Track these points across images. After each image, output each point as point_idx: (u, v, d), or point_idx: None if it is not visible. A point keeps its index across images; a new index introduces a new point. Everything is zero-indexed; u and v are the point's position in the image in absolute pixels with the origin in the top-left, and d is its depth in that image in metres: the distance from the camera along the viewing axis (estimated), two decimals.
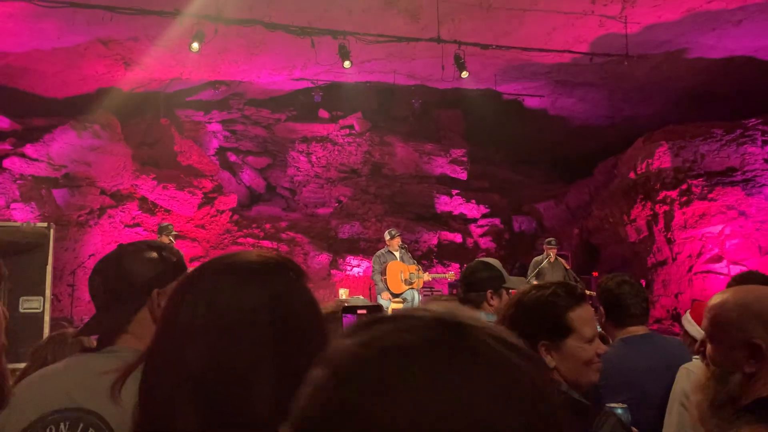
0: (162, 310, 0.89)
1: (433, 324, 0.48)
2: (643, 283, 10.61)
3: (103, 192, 10.97)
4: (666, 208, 10.67)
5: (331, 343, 0.50)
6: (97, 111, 11.05)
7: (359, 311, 1.15)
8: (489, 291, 2.69)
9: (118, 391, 0.92)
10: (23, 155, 10.10)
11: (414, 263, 8.84)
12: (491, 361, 0.46)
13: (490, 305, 2.67)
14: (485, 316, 2.57)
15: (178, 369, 0.81)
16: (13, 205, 9.69)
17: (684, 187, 10.54)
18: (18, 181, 9.93)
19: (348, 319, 1.14)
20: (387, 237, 8.90)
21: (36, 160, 10.17)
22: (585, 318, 1.68)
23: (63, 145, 10.40)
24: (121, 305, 1.46)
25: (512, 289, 2.78)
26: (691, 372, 2.07)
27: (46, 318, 6.78)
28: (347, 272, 12.48)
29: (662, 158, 10.97)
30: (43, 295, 6.65)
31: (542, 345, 1.64)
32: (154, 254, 1.54)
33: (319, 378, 0.48)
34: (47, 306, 6.87)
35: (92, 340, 2.44)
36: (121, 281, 1.48)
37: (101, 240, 10.55)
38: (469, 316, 0.50)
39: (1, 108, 10.42)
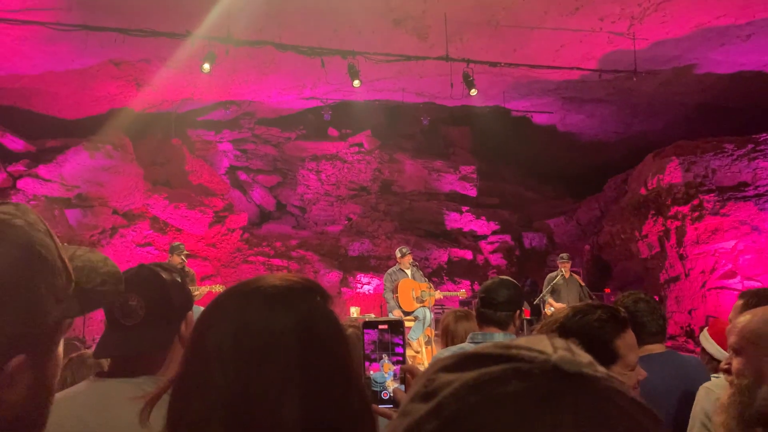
0: (189, 335, 0.89)
1: (551, 372, 0.43)
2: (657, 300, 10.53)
3: (115, 212, 11.04)
4: (678, 223, 10.61)
5: (432, 375, 0.46)
6: (109, 131, 11.17)
7: (380, 326, 1.15)
8: (518, 311, 2.63)
9: (147, 416, 0.92)
10: (37, 176, 10.20)
11: (425, 281, 8.82)
12: (612, 420, 0.42)
13: (515, 326, 2.61)
14: (503, 337, 2.53)
15: (208, 393, 0.82)
16: None
17: (696, 202, 10.48)
18: (31, 202, 10.02)
19: (369, 335, 1.14)
20: (398, 255, 8.90)
21: (49, 180, 10.27)
22: (630, 345, 1.65)
23: (75, 166, 10.50)
24: (164, 327, 1.48)
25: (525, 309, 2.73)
26: (711, 391, 2.05)
27: None
28: (357, 290, 12.46)
29: (673, 173, 10.93)
30: None
31: None
32: (183, 281, 1.57)
33: (420, 414, 0.43)
34: None
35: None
36: (165, 304, 1.49)
37: (113, 259, 10.55)
38: (588, 363, 0.45)
39: (16, 129, 10.55)
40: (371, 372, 1.12)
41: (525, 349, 0.45)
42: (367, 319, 1.24)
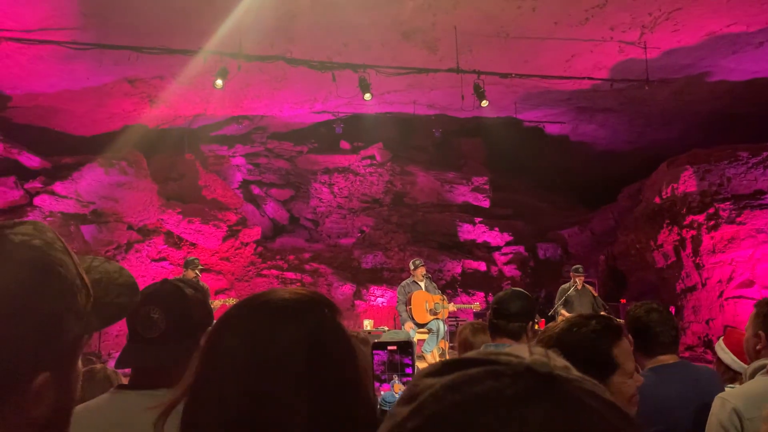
0: (201, 348, 0.91)
1: (524, 373, 0.45)
2: (673, 310, 10.40)
3: (130, 227, 11.14)
4: (693, 232, 10.51)
5: (416, 381, 0.49)
6: (124, 148, 11.29)
7: (390, 347, 1.15)
8: (530, 322, 2.64)
9: (162, 426, 0.94)
10: (53, 193, 10.33)
11: (439, 293, 8.80)
12: (582, 419, 0.43)
13: (528, 336, 2.61)
14: None
15: (219, 405, 0.83)
16: None
17: (711, 211, 10.38)
18: (48, 218, 10.14)
19: (379, 356, 1.14)
20: (411, 267, 8.90)
21: (65, 197, 10.39)
22: (627, 352, 1.64)
23: (91, 182, 10.62)
24: (184, 341, 1.50)
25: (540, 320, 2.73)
26: (727, 401, 2.02)
27: None
28: (371, 302, 12.44)
29: (687, 182, 10.85)
30: None
31: None
32: (205, 299, 1.62)
33: (403, 415, 0.46)
34: None
35: (120, 376, 2.46)
36: (186, 318, 1.52)
37: None
38: (563, 366, 0.47)
39: (32, 147, 10.70)
40: (382, 392, 1.12)
41: (504, 354, 0.48)
42: (377, 340, 1.24)
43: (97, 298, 0.81)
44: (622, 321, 2.86)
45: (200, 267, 9.18)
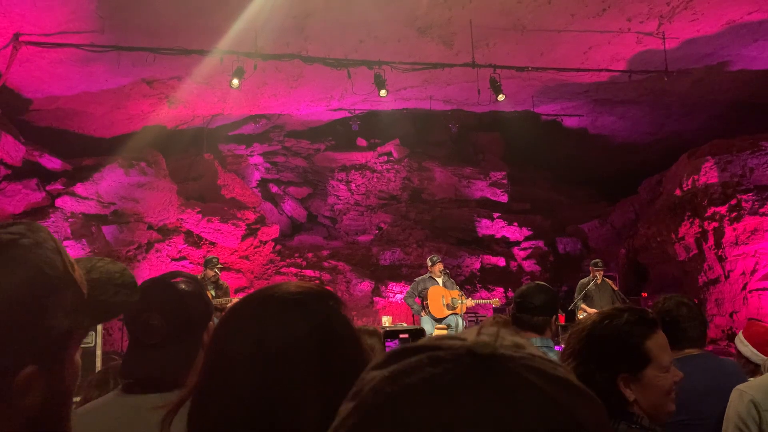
0: (209, 343, 0.91)
1: (463, 356, 0.43)
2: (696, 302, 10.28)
3: (150, 227, 11.25)
4: (715, 224, 10.37)
5: (362, 375, 0.48)
6: (143, 148, 11.40)
7: (401, 336, 1.16)
8: (554, 315, 2.63)
9: (168, 426, 0.94)
10: (74, 194, 10.45)
11: (457, 288, 8.78)
12: (521, 398, 0.41)
13: (552, 330, 2.61)
14: (541, 341, 2.53)
15: (229, 398, 0.84)
16: (65, 243, 10.01)
17: (733, 202, 10.23)
18: (69, 219, 10.26)
19: (390, 345, 1.14)
20: (428, 263, 8.90)
21: (86, 198, 10.51)
22: (662, 345, 1.61)
23: (111, 183, 10.73)
24: (187, 341, 1.47)
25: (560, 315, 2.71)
26: (745, 393, 2.00)
27: (98, 352, 6.96)
28: (390, 299, 12.45)
29: (709, 173, 10.69)
30: (95, 329, 6.82)
31: (621, 378, 1.55)
32: (201, 290, 1.56)
33: (346, 412, 0.45)
34: (99, 340, 7.06)
35: None
36: (185, 317, 1.48)
37: (149, 274, 10.78)
38: (510, 345, 0.44)
39: (53, 149, 10.84)
40: None
41: (449, 338, 0.46)
42: (389, 328, 1.24)
43: (93, 296, 0.83)
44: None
45: (220, 266, 9.26)
